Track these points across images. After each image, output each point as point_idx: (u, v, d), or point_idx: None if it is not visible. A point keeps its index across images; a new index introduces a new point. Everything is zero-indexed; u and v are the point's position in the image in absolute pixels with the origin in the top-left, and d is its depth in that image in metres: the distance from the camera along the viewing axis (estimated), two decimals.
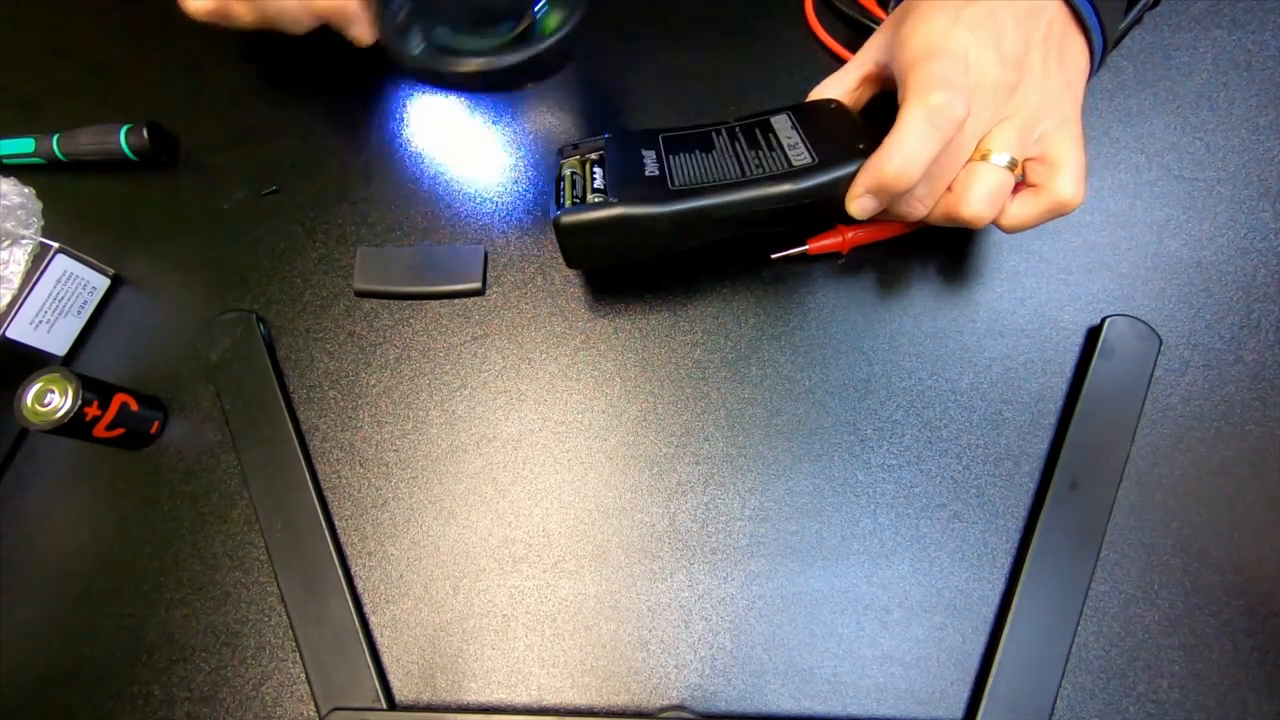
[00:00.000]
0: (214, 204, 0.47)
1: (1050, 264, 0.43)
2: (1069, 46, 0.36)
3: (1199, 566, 0.38)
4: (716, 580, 0.39)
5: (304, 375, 0.44)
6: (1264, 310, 0.41)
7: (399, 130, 0.48)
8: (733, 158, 0.38)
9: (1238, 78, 0.45)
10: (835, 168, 0.36)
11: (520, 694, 0.38)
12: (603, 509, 0.40)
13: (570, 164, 0.40)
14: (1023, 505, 0.39)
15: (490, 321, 0.44)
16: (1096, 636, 0.37)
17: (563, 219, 0.36)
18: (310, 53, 0.50)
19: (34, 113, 0.51)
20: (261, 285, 0.45)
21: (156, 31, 0.52)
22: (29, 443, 0.43)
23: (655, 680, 0.37)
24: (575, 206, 0.36)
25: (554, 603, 0.39)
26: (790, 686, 0.37)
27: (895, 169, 0.33)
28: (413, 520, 0.41)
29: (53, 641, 0.40)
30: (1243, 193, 0.43)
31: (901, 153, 0.33)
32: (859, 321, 0.42)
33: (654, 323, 0.43)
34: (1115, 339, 0.40)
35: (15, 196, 0.45)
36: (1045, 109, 0.35)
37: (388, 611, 0.39)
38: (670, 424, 0.41)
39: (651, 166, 0.38)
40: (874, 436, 0.40)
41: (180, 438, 0.43)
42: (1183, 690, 0.36)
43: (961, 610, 0.38)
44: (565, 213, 0.36)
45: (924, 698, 0.37)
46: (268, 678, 0.39)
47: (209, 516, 0.41)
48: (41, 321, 0.43)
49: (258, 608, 0.40)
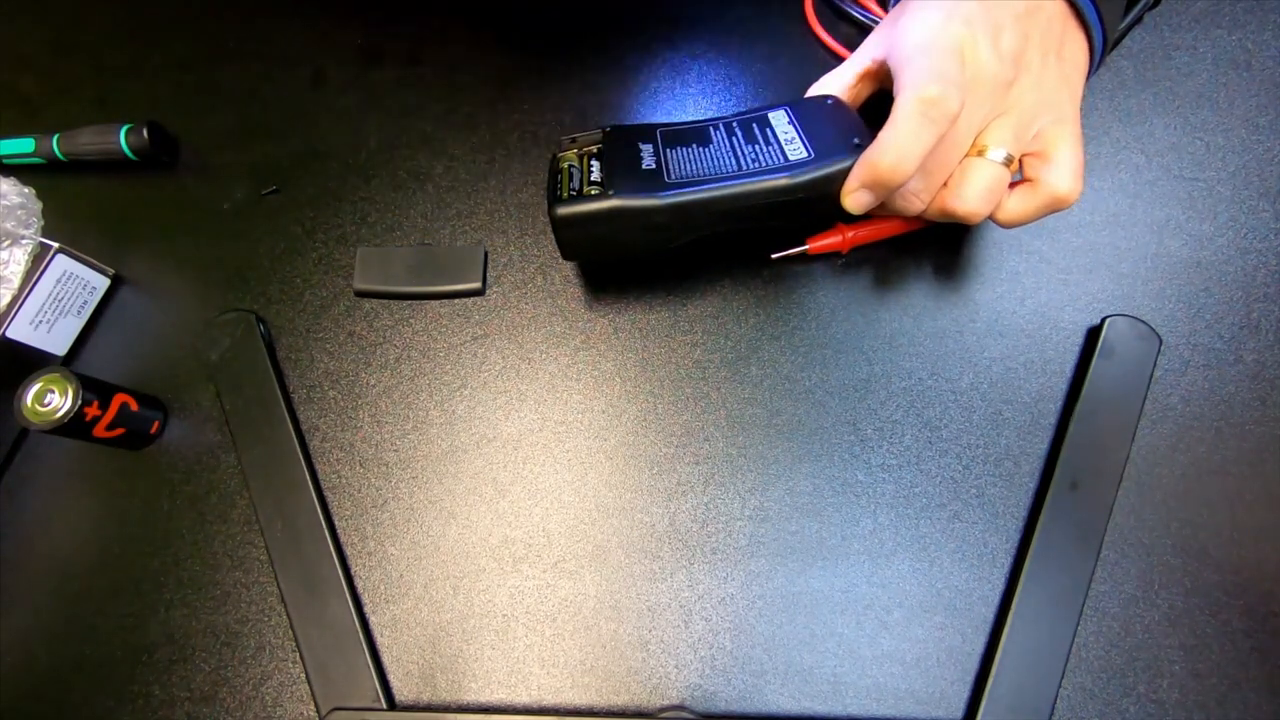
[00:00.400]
0: (214, 204, 0.47)
1: (1050, 264, 0.43)
2: (1068, 43, 0.36)
3: (1199, 566, 0.38)
4: (716, 580, 0.39)
5: (304, 375, 0.44)
6: (1264, 310, 0.41)
7: (400, 130, 0.48)
8: (729, 152, 0.38)
9: (1238, 78, 0.45)
10: (831, 162, 0.36)
11: (520, 694, 0.38)
12: (603, 509, 0.40)
13: (568, 157, 0.39)
14: (1023, 505, 0.39)
15: (490, 321, 0.44)
16: (1096, 636, 0.37)
17: (558, 210, 0.36)
18: (310, 52, 0.50)
19: (34, 113, 0.51)
20: (261, 285, 0.45)
21: (156, 31, 0.52)
22: (29, 443, 0.43)
23: (655, 680, 0.37)
24: (571, 198, 0.36)
25: (554, 603, 0.39)
26: (790, 686, 0.37)
27: (890, 162, 0.33)
28: (413, 520, 0.41)
29: (53, 641, 0.40)
30: (1243, 193, 0.43)
31: (896, 145, 0.33)
32: (859, 321, 0.42)
33: (654, 322, 0.43)
34: (1115, 339, 0.40)
35: (15, 196, 0.45)
36: (1043, 105, 0.35)
37: (388, 611, 0.39)
38: (670, 424, 0.41)
39: (649, 160, 0.38)
40: (874, 436, 0.40)
41: (180, 438, 0.43)
42: (1183, 690, 0.36)
43: (961, 610, 0.38)
44: (561, 204, 0.36)
45: (924, 698, 0.37)
46: (268, 678, 0.39)
47: (209, 516, 0.41)
48: (41, 321, 0.43)
49: (258, 608, 0.40)
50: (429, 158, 0.48)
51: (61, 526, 0.42)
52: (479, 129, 0.48)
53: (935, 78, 0.32)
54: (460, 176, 0.47)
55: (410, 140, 0.48)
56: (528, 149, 0.47)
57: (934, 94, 0.32)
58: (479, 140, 0.48)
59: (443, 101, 0.49)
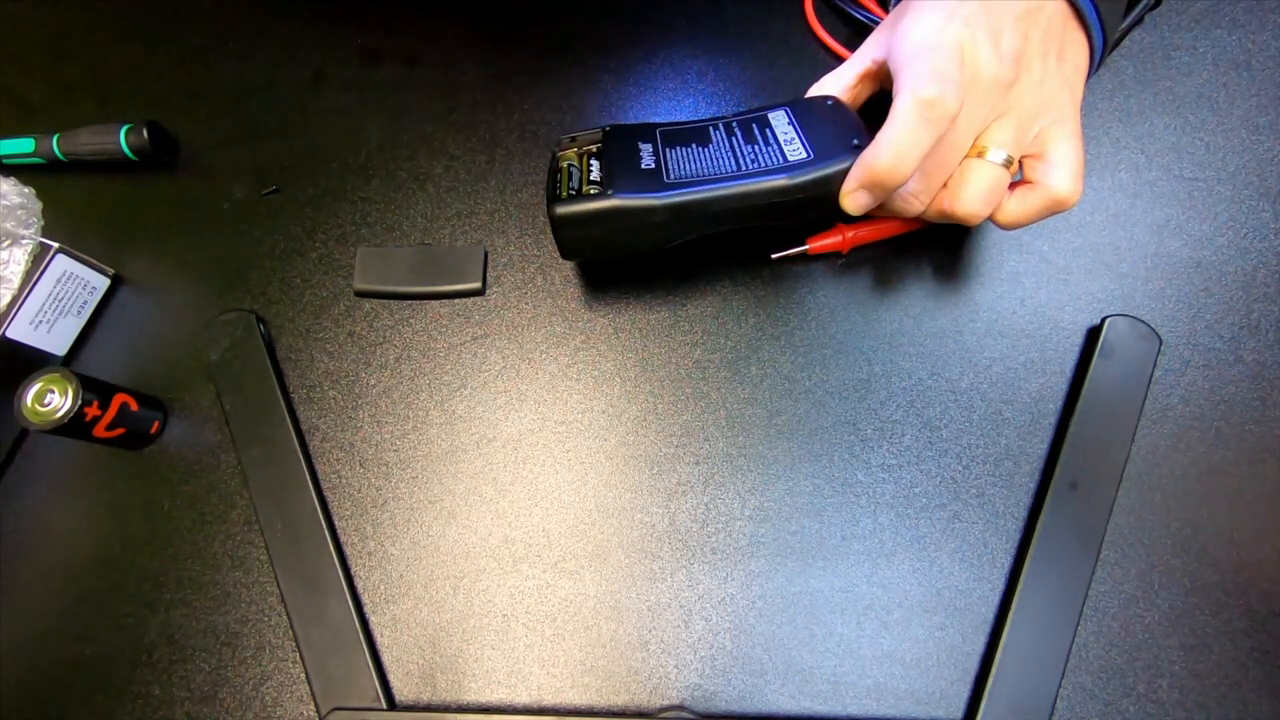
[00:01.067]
0: (214, 204, 0.47)
1: (1050, 264, 0.43)
2: (1069, 44, 0.36)
3: (1199, 566, 0.38)
4: (716, 580, 0.39)
5: (304, 375, 0.44)
6: (1264, 310, 0.41)
7: (400, 130, 0.48)
8: (728, 152, 0.38)
9: (1238, 78, 0.45)
10: (830, 163, 0.36)
11: (520, 694, 0.38)
12: (603, 509, 0.40)
13: (567, 156, 0.40)
14: (1023, 505, 0.39)
15: (490, 321, 0.44)
16: (1096, 636, 0.37)
17: (557, 210, 0.36)
18: (310, 52, 0.50)
19: (34, 113, 0.51)
20: (261, 285, 0.45)
21: (156, 31, 0.52)
22: (29, 443, 0.43)
23: (655, 680, 0.37)
24: (570, 198, 0.36)
25: (554, 603, 0.39)
26: (790, 686, 0.37)
27: (888, 163, 0.33)
28: (413, 520, 0.41)
29: (53, 641, 0.40)
30: (1243, 193, 0.43)
31: (894, 146, 0.33)
32: (859, 321, 0.42)
33: (654, 322, 0.43)
34: (1115, 339, 0.40)
35: (15, 196, 0.45)
36: (1043, 106, 0.35)
37: (388, 611, 0.39)
38: (670, 424, 0.41)
39: (648, 159, 0.38)
40: (874, 436, 0.40)
41: (180, 438, 0.43)
42: (1183, 690, 0.36)
43: (961, 610, 0.38)
44: (560, 204, 0.36)
45: (924, 698, 0.37)
46: (268, 678, 0.39)
47: (209, 516, 0.41)
48: (41, 321, 0.43)
49: (258, 608, 0.40)
50: (429, 158, 0.48)
51: (61, 526, 0.42)
52: (479, 129, 0.48)
53: (934, 79, 0.32)
54: (460, 176, 0.47)
55: (410, 140, 0.48)
56: (528, 149, 0.47)
57: (932, 94, 0.32)
58: (479, 140, 0.48)
59: (443, 101, 0.49)
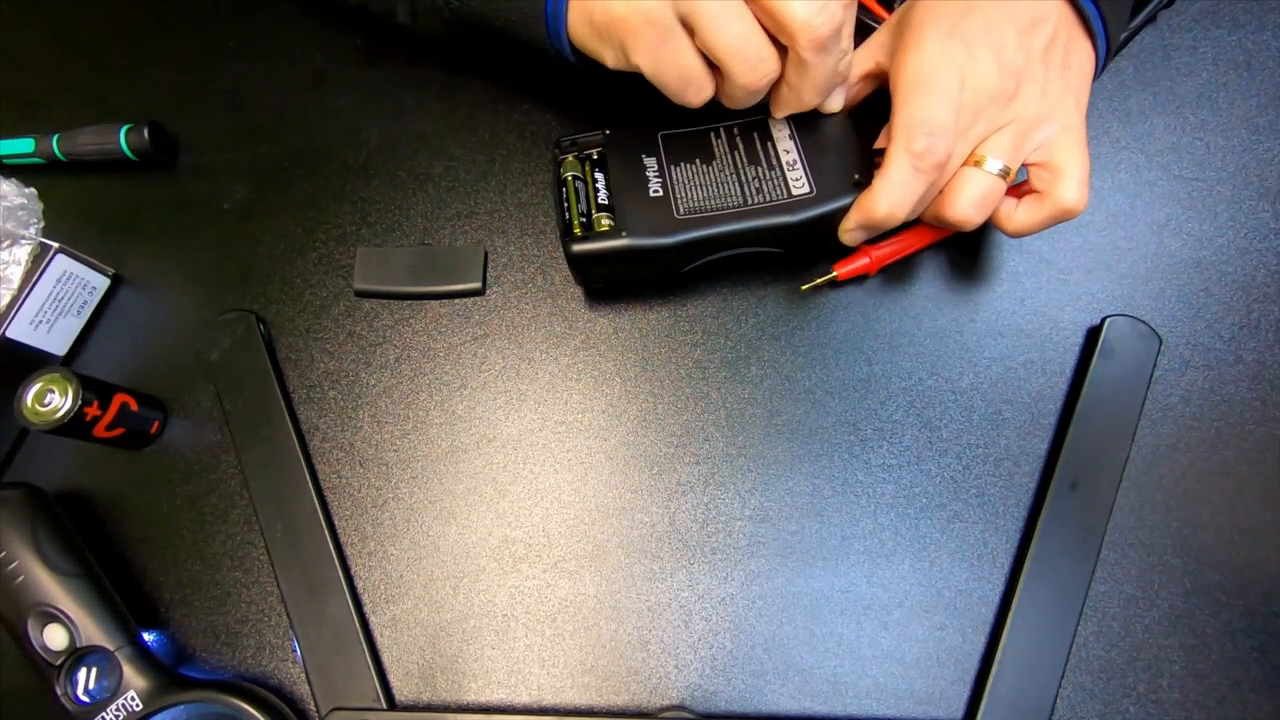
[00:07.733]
0: (214, 204, 0.47)
1: (1050, 264, 0.43)
2: (1074, 51, 0.36)
3: (1199, 566, 0.38)
4: (716, 580, 0.39)
5: (304, 375, 0.44)
6: (1264, 310, 0.41)
7: (400, 130, 0.48)
8: (733, 174, 0.39)
9: (1238, 78, 0.45)
10: (832, 200, 0.38)
11: (520, 694, 0.38)
12: (603, 509, 0.40)
13: (570, 164, 0.40)
14: (1023, 505, 0.39)
15: (490, 321, 0.44)
16: (1096, 636, 0.37)
17: (574, 248, 0.38)
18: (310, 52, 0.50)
19: (34, 113, 0.51)
20: (261, 285, 0.45)
21: (156, 31, 0.52)
22: (29, 443, 0.43)
23: (655, 680, 0.37)
24: (585, 236, 0.38)
25: (554, 603, 0.39)
26: (790, 686, 0.37)
27: (884, 212, 0.35)
28: (413, 520, 0.41)
29: None
30: (1243, 193, 0.43)
31: (889, 196, 0.35)
32: (859, 321, 0.42)
33: (654, 323, 0.43)
34: (1115, 339, 0.40)
35: (16, 196, 0.45)
36: (1046, 115, 0.35)
37: (388, 611, 0.39)
38: (670, 424, 0.41)
39: (655, 184, 0.39)
40: (874, 436, 0.40)
41: (180, 438, 0.43)
42: (1183, 690, 0.36)
43: (961, 610, 0.38)
44: (576, 241, 0.38)
45: (924, 698, 0.37)
46: (268, 678, 0.39)
47: (209, 516, 0.41)
48: (41, 321, 0.43)
49: (258, 608, 0.40)
50: (429, 158, 0.47)
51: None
52: (479, 129, 0.48)
53: (924, 131, 0.34)
54: (460, 176, 0.47)
55: (410, 140, 0.48)
56: (528, 149, 0.47)
57: (921, 148, 0.34)
58: (479, 140, 0.48)
59: (443, 101, 0.49)
